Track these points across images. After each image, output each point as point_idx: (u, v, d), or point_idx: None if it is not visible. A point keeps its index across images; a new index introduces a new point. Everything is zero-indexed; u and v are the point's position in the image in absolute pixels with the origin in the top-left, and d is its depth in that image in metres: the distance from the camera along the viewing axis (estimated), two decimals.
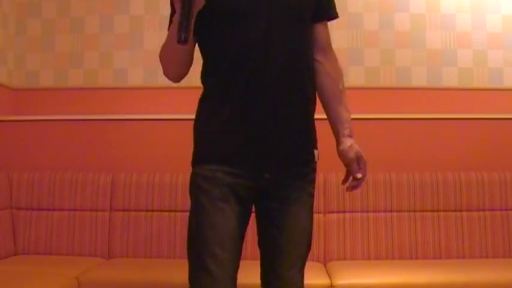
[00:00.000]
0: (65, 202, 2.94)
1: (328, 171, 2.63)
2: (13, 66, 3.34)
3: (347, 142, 1.61)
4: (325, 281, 2.41)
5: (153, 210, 2.90)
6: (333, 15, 1.66)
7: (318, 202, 2.84)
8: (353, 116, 3.08)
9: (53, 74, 3.34)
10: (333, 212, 2.85)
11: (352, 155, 1.60)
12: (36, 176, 2.98)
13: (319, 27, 1.62)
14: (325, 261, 2.80)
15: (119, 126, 3.18)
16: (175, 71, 1.55)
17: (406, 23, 3.24)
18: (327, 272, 2.58)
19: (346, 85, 1.69)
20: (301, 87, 1.54)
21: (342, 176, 1.66)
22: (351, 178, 1.64)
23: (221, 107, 1.48)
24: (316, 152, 1.59)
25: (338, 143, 1.63)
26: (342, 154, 1.62)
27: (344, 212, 2.85)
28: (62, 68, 3.33)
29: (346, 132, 1.63)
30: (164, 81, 1.59)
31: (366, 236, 2.82)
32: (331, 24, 1.65)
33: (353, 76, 3.21)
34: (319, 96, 1.64)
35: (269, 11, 1.46)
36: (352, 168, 1.61)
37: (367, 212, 2.85)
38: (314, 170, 1.60)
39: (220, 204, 1.44)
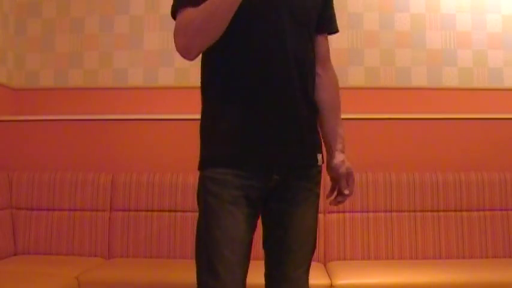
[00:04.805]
0: (65, 202, 2.94)
1: None
2: (13, 66, 3.34)
3: (340, 157, 1.62)
4: (325, 281, 2.42)
5: (153, 210, 2.90)
6: (334, 29, 1.67)
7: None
8: (353, 116, 3.11)
9: (53, 74, 3.34)
10: (333, 212, 2.85)
11: (343, 170, 1.60)
12: (36, 176, 2.98)
13: (320, 40, 1.63)
14: (325, 261, 2.80)
15: (119, 126, 3.18)
16: (214, 34, 1.38)
17: (406, 23, 3.24)
18: (327, 272, 2.58)
19: (346, 85, 1.69)
20: (308, 92, 1.55)
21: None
22: (335, 193, 1.65)
23: (231, 109, 1.47)
24: (320, 156, 1.60)
25: (330, 157, 1.63)
26: (333, 168, 1.62)
27: (344, 212, 2.85)
28: (62, 68, 3.33)
29: (340, 147, 1.63)
30: (164, 81, 1.58)
31: (366, 236, 2.82)
32: None
33: (353, 76, 3.21)
34: None
35: (281, 15, 1.47)
36: (341, 184, 1.61)
37: (367, 212, 2.85)
38: (320, 172, 1.61)
39: (230, 207, 1.43)
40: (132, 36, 3.31)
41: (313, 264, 2.77)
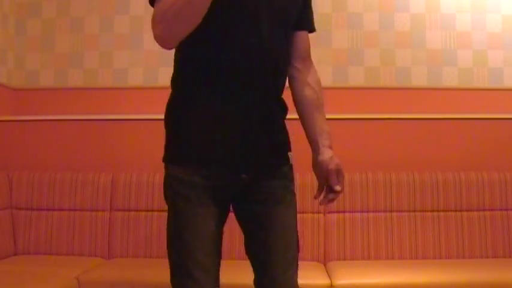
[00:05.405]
0: (65, 202, 2.94)
1: None
2: (13, 66, 3.34)
3: (328, 153, 1.54)
4: (325, 281, 2.41)
5: (153, 210, 2.90)
6: (313, 29, 1.65)
7: (318, 202, 2.84)
8: (353, 116, 3.10)
9: (53, 74, 3.34)
10: (333, 212, 2.85)
11: (332, 166, 1.52)
12: (36, 176, 2.97)
13: (301, 36, 1.61)
14: (325, 261, 2.80)
15: (119, 126, 3.18)
16: (193, 20, 1.32)
17: (406, 23, 3.24)
18: (327, 272, 2.58)
19: (346, 85, 1.68)
20: (279, 91, 1.54)
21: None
22: (323, 192, 1.58)
23: (199, 106, 1.45)
24: (290, 154, 1.57)
25: (317, 153, 1.56)
26: (321, 165, 1.54)
27: (344, 212, 2.85)
28: (62, 68, 3.33)
29: (327, 143, 1.56)
30: (164, 81, 1.58)
31: (366, 236, 2.82)
32: (331, 24, 1.64)
33: (353, 76, 3.21)
34: (296, 106, 1.61)
35: (261, 14, 1.44)
36: (332, 181, 1.53)
37: (367, 212, 2.85)
38: (291, 169, 1.58)
39: (199, 209, 1.42)
40: (132, 36, 3.31)
41: (313, 264, 2.77)
